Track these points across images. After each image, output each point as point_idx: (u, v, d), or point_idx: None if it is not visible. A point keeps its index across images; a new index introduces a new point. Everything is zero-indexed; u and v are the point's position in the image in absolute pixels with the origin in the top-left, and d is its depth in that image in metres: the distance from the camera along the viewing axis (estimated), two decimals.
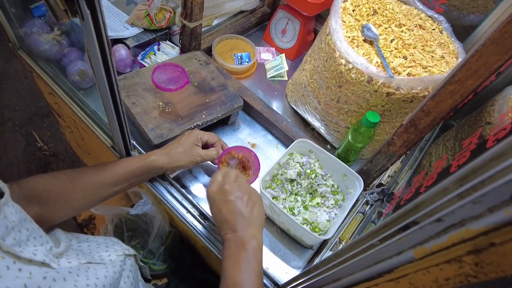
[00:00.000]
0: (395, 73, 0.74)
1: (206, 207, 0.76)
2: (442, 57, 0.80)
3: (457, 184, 0.23)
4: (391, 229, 0.29)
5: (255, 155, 0.78)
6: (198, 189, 0.83)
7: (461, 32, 0.91)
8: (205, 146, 0.78)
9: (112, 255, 0.60)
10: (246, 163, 0.81)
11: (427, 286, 0.27)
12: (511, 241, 0.20)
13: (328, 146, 0.99)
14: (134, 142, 0.81)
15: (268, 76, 1.12)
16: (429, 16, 0.90)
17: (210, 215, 0.75)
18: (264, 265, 0.72)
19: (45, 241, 0.47)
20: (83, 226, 1.53)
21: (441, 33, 0.87)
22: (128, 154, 0.74)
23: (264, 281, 0.70)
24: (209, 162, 0.81)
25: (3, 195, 0.41)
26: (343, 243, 0.77)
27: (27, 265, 0.41)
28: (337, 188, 0.84)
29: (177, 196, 0.77)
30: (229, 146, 0.82)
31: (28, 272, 0.41)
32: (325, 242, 0.78)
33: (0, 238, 0.38)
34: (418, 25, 0.84)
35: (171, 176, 0.80)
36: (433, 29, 0.86)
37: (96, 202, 0.66)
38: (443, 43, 0.83)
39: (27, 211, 0.46)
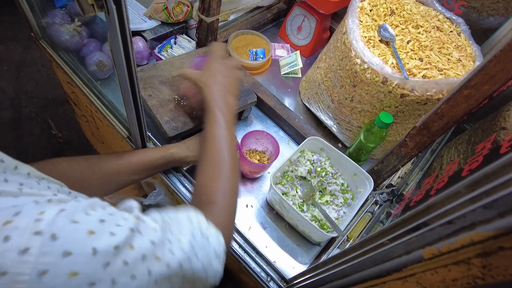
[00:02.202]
0: (410, 74, 0.74)
1: None
2: (459, 60, 0.79)
3: (469, 189, 0.23)
4: (401, 229, 0.30)
5: (271, 136, 0.86)
6: None
7: (480, 34, 0.90)
8: None
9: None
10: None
11: (435, 286, 0.28)
12: None
13: (340, 145, 0.99)
14: (149, 134, 0.82)
15: (282, 73, 1.12)
16: (448, 18, 0.89)
17: None
18: (272, 259, 0.74)
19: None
20: None
21: (459, 35, 0.86)
22: (144, 145, 0.76)
23: (271, 274, 0.72)
24: None
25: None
26: (350, 241, 0.78)
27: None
28: (347, 187, 0.85)
29: (189, 188, 0.79)
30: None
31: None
32: (332, 240, 0.79)
33: (12, 165, 0.38)
34: (435, 27, 0.84)
35: (185, 168, 0.82)
36: (451, 31, 0.86)
37: (113, 190, 0.68)
38: (460, 46, 0.82)
39: None
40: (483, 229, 0.22)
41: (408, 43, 0.79)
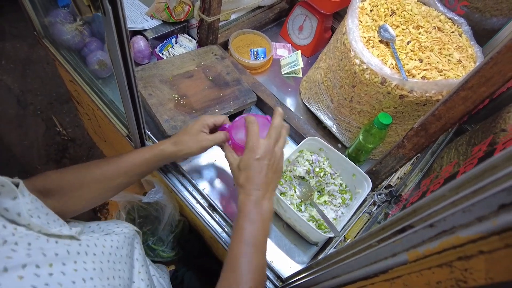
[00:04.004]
0: (409, 75, 0.73)
1: (215, 199, 0.78)
2: (459, 61, 0.79)
3: (453, 192, 0.23)
4: (389, 231, 0.30)
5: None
6: (209, 181, 0.85)
7: (483, 35, 0.90)
8: (214, 129, 0.76)
9: (124, 230, 0.64)
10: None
11: None
12: (498, 250, 0.21)
13: (339, 145, 0.99)
14: (149, 132, 0.83)
15: (282, 72, 1.12)
16: (449, 18, 0.88)
17: (219, 205, 0.77)
18: (269, 259, 0.74)
19: (63, 223, 0.50)
20: (97, 211, 1.58)
21: (460, 36, 0.86)
22: (143, 144, 0.76)
23: (268, 274, 0.72)
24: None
25: (19, 184, 0.43)
26: (347, 241, 0.78)
27: (59, 239, 0.45)
28: (345, 188, 0.85)
29: (188, 187, 0.79)
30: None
31: (63, 243, 0.44)
32: (330, 240, 0.79)
33: (26, 222, 0.41)
34: (436, 27, 0.83)
35: (181, 163, 0.82)
36: (452, 32, 0.85)
37: (112, 194, 0.68)
38: (461, 47, 0.82)
39: (48, 202, 0.49)
40: (462, 233, 0.22)
41: (408, 44, 0.79)
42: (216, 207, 0.77)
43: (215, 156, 0.89)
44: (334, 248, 0.76)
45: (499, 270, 0.21)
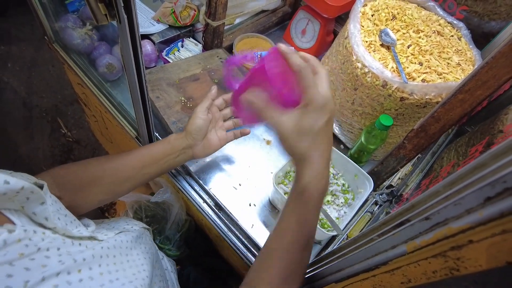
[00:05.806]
0: (409, 78, 0.76)
1: (221, 198, 0.81)
2: (458, 64, 0.81)
3: (447, 188, 0.26)
4: (389, 225, 0.32)
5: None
6: (215, 180, 0.88)
7: (481, 39, 0.92)
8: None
9: (134, 227, 0.65)
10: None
11: (418, 277, 0.31)
12: (485, 239, 0.23)
13: (342, 146, 1.02)
14: (157, 134, 0.85)
15: None
16: (449, 22, 0.91)
17: (226, 204, 0.79)
18: None
19: (79, 223, 0.52)
20: (105, 210, 1.61)
21: (460, 39, 0.88)
22: None
23: None
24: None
25: (43, 186, 0.44)
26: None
27: (81, 241, 0.46)
28: (348, 188, 0.87)
29: (195, 187, 0.82)
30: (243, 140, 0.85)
31: (85, 246, 0.46)
32: (333, 238, 0.81)
33: (52, 225, 0.43)
34: (436, 31, 0.86)
35: (188, 163, 0.84)
36: (452, 36, 0.87)
37: (125, 188, 0.67)
38: (460, 50, 0.84)
39: (60, 199, 0.51)
40: (454, 224, 0.25)
41: (408, 48, 0.81)
42: (223, 206, 0.79)
43: (221, 156, 0.91)
44: (337, 246, 0.78)
45: (486, 258, 0.24)
